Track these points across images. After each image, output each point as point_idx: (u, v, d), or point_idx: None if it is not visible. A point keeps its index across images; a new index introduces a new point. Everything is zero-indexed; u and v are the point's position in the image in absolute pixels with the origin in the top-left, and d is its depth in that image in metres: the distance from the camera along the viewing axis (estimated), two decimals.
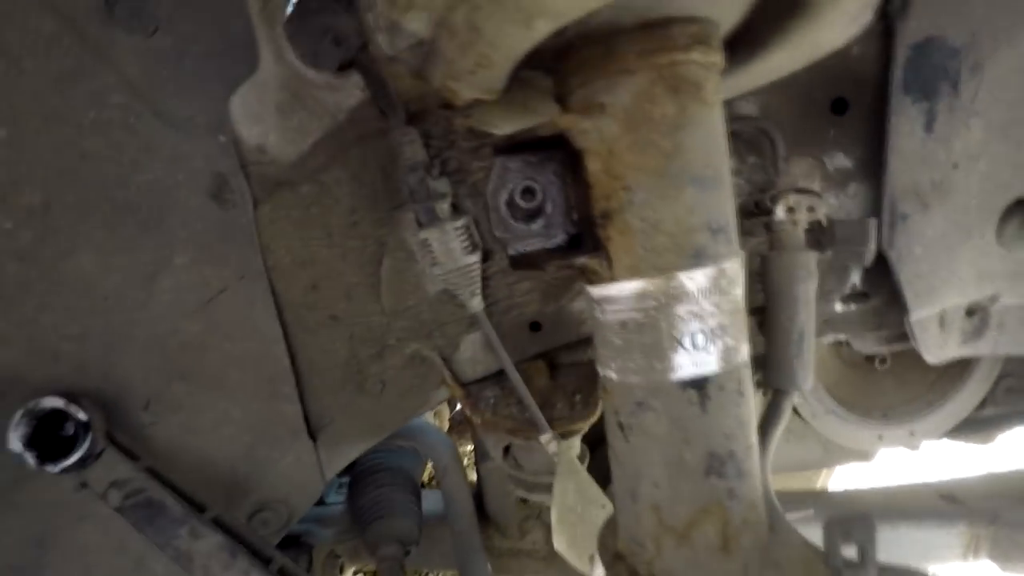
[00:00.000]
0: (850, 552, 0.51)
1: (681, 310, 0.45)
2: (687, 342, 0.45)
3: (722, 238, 0.46)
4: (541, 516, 1.27)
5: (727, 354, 0.46)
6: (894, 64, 0.67)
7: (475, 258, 0.72)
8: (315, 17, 0.66)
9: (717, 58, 0.46)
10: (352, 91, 0.71)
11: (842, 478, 1.51)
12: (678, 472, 0.47)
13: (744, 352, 0.48)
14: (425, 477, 1.72)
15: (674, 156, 0.44)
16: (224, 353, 0.79)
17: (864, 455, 1.26)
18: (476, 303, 0.75)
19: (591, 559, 0.73)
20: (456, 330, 0.82)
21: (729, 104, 0.71)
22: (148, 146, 0.68)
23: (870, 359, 1.17)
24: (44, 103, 0.63)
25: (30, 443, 0.68)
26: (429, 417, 1.42)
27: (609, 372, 0.49)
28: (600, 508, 0.78)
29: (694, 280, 0.45)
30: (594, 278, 0.49)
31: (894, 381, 1.17)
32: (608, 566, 0.52)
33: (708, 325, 0.45)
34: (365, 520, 1.09)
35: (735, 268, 0.47)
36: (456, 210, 0.72)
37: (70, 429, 0.70)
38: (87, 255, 0.71)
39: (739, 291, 0.47)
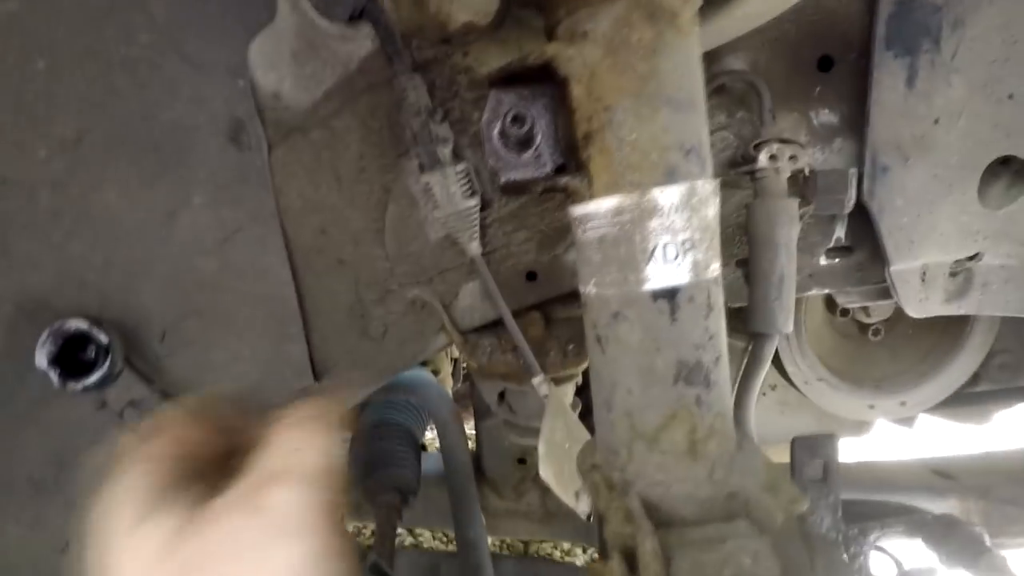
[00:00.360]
0: (815, 471, 0.54)
1: (654, 224, 0.48)
2: (659, 254, 0.49)
3: (694, 158, 0.49)
4: (537, 478, 1.31)
5: (696, 267, 0.49)
6: (877, 19, 0.70)
7: (474, 202, 0.76)
8: None
9: None
10: (363, 41, 0.75)
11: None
12: (649, 379, 0.50)
13: (714, 268, 0.51)
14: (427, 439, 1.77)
15: (650, 78, 0.48)
16: (236, 292, 0.83)
17: (858, 427, 1.28)
18: (475, 247, 0.79)
19: (577, 495, 0.77)
20: (456, 277, 0.86)
21: (719, 59, 0.75)
22: (172, 86, 0.72)
23: (863, 330, 1.19)
24: (79, 38, 0.68)
25: (55, 361, 0.73)
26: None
27: (588, 288, 0.53)
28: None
29: (666, 195, 0.48)
30: (576, 198, 0.53)
31: (887, 352, 1.18)
32: (584, 476, 0.56)
33: (679, 239, 0.49)
34: (365, 471, 1.14)
35: (707, 188, 0.50)
36: (457, 156, 0.76)
37: (92, 353, 0.75)
38: (113, 189, 0.76)
39: (711, 211, 0.51)
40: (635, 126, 0.48)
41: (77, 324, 0.74)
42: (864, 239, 0.79)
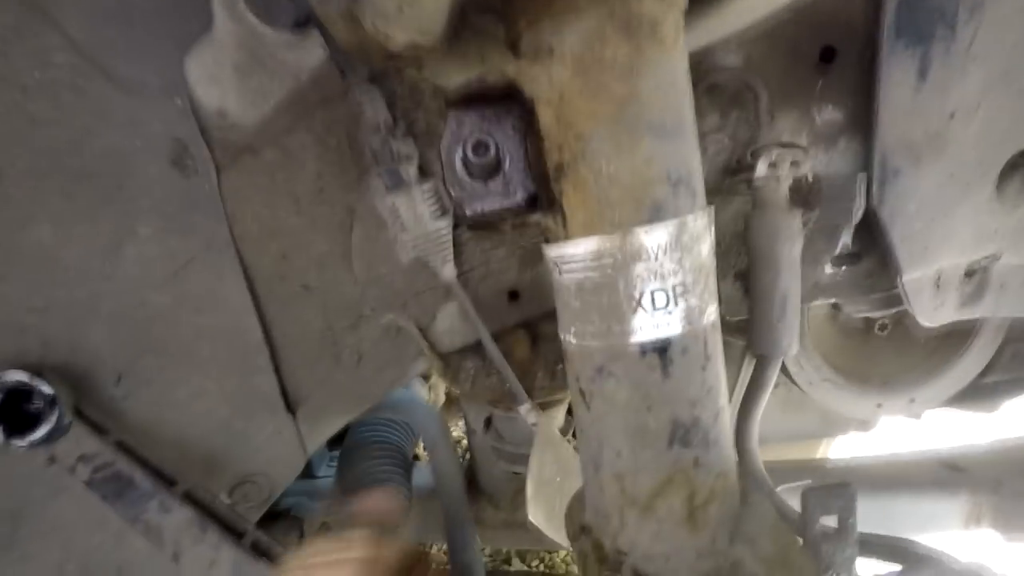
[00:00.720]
0: (830, 522, 0.49)
1: (639, 268, 0.42)
2: (647, 303, 0.42)
3: (684, 190, 0.43)
4: None
5: (690, 315, 0.43)
6: (885, 4, 0.62)
7: (445, 223, 0.69)
8: None
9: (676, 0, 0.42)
10: (313, 49, 0.68)
11: (842, 447, 1.48)
12: (640, 440, 0.45)
13: (711, 313, 0.45)
14: (420, 451, 1.72)
15: (629, 102, 0.41)
16: (194, 326, 0.77)
17: (864, 424, 1.23)
18: (448, 271, 0.72)
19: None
20: (432, 299, 0.80)
21: (710, 55, 0.67)
22: (100, 110, 0.65)
23: (869, 326, 1.13)
24: None
25: None
26: (424, 392, 1.41)
27: (569, 336, 0.47)
28: (580, 480, 0.76)
29: (653, 235, 0.42)
30: (550, 236, 0.46)
31: (893, 348, 1.13)
32: (573, 538, 0.50)
33: (669, 284, 0.42)
34: (353, 492, 1.09)
35: (700, 223, 0.44)
36: (423, 173, 0.69)
37: (37, 404, 0.69)
38: (45, 225, 0.69)
39: (705, 248, 0.44)
40: (613, 157, 0.41)
41: (17, 376, 0.67)
42: (873, 245, 0.72)
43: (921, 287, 0.71)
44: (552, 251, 0.45)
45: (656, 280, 0.42)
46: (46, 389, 0.68)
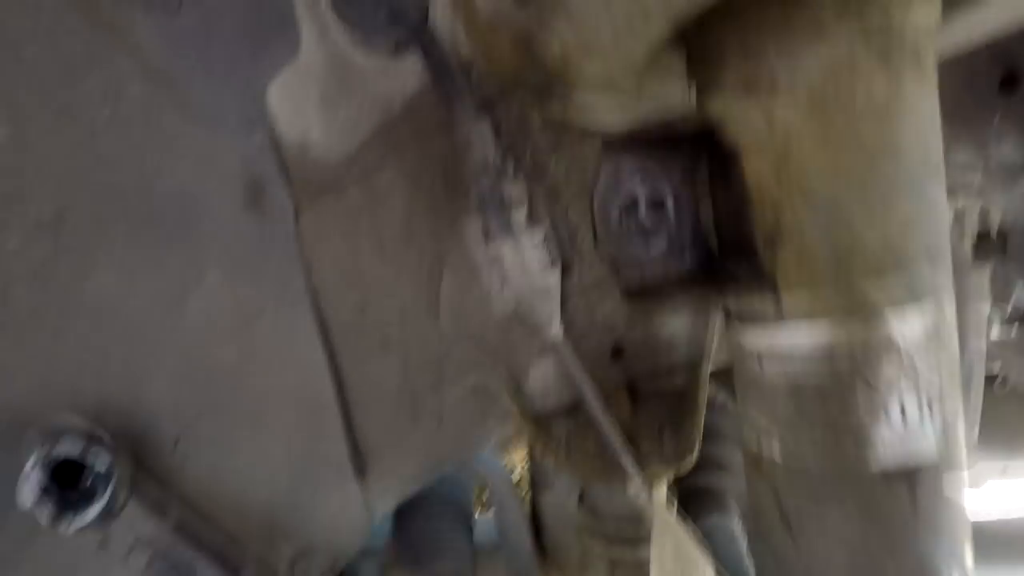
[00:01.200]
0: None
1: (888, 369, 0.32)
2: (895, 415, 0.32)
3: (942, 267, 0.33)
4: (602, 552, 1.15)
5: (947, 431, 0.33)
6: None
7: (555, 276, 0.60)
8: None
9: (938, 14, 0.33)
10: (410, 76, 0.60)
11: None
12: None
13: (963, 424, 0.35)
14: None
15: (885, 153, 0.31)
16: (261, 383, 0.69)
17: (977, 484, 1.10)
18: (555, 329, 0.63)
19: None
20: (526, 357, 0.71)
21: None
22: (173, 146, 0.57)
23: (988, 382, 1.01)
24: (51, 97, 0.53)
25: (45, 492, 0.59)
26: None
27: (771, 448, 0.37)
28: (701, 571, 0.65)
29: (908, 323, 0.32)
30: (749, 317, 0.36)
31: (1018, 406, 1.01)
32: None
33: (924, 391, 0.32)
34: (413, 558, 0.99)
35: (953, 310, 0.34)
36: (532, 218, 0.60)
37: (90, 478, 0.61)
38: (107, 274, 0.61)
39: (956, 343, 0.34)
40: (860, 225, 0.32)
41: (69, 449, 0.59)
42: None
43: None
44: (755, 337, 0.36)
45: (909, 385, 0.32)
46: (102, 461, 0.60)
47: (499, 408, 0.73)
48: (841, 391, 0.33)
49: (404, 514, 1.07)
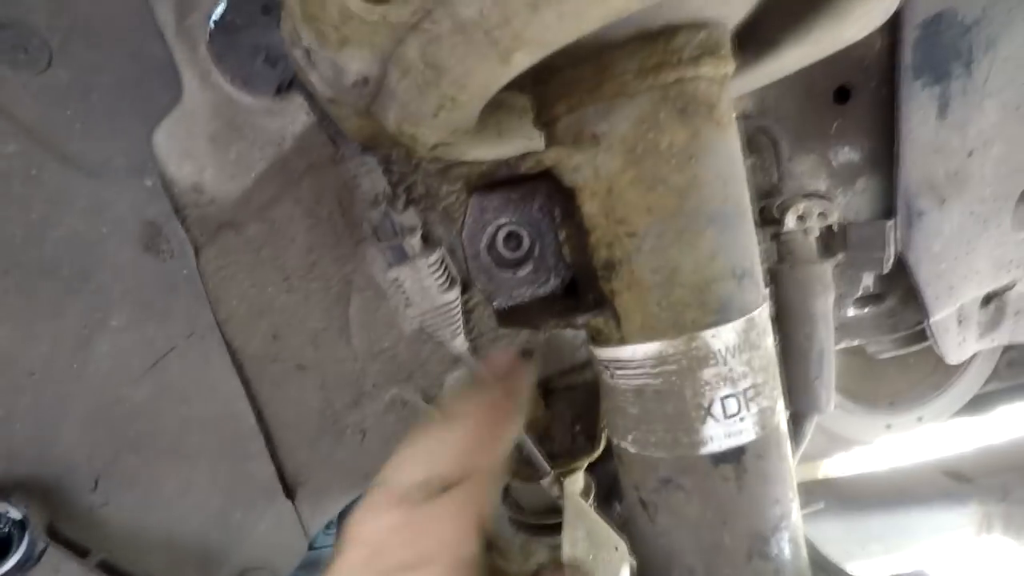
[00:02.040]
0: None
1: (708, 374, 0.38)
2: (717, 411, 0.38)
3: (749, 283, 0.39)
4: (544, 539, 1.21)
5: (763, 417, 0.39)
6: (902, 45, 0.60)
7: (454, 295, 0.64)
8: (242, 34, 0.56)
9: (729, 69, 0.38)
10: (296, 115, 0.62)
11: (838, 463, 1.48)
12: (715, 558, 0.40)
13: (780, 408, 0.41)
14: None
15: (689, 192, 0.37)
16: (180, 417, 0.70)
17: (867, 442, 1.23)
18: (459, 343, 0.67)
19: None
20: (439, 368, 0.75)
21: None
22: (59, 197, 0.58)
23: (852, 351, 1.12)
24: None
25: None
26: None
27: (625, 443, 0.42)
28: (614, 550, 0.71)
29: (721, 338, 0.38)
30: (599, 338, 0.41)
31: (897, 367, 1.13)
32: None
33: (740, 388, 0.38)
34: None
35: (764, 316, 0.40)
36: (427, 242, 0.64)
37: (4, 528, 0.61)
38: (3, 327, 0.61)
39: (770, 340, 0.40)
40: (674, 255, 0.37)
41: None
42: (894, 284, 0.70)
43: (947, 327, 0.69)
44: (604, 354, 0.41)
45: (726, 386, 0.38)
46: (14, 513, 0.60)
47: (419, 418, 0.77)
48: (673, 394, 0.38)
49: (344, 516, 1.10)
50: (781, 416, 0.41)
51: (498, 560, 1.24)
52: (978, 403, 1.21)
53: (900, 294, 0.71)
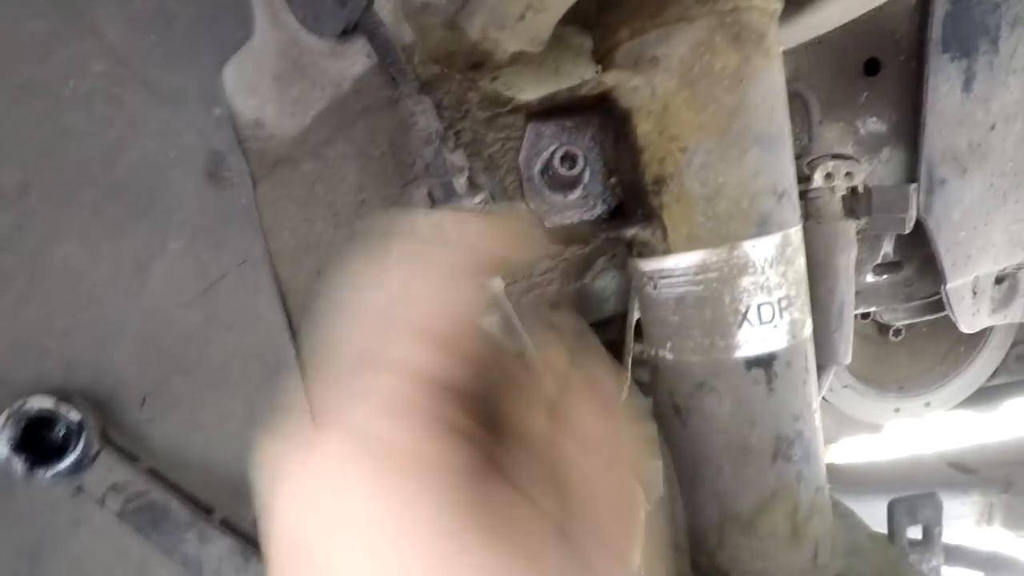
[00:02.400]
0: (915, 532, 0.49)
1: (746, 282, 0.41)
2: (752, 316, 0.42)
3: (787, 203, 0.42)
4: None
5: (794, 328, 0.43)
6: (932, 20, 0.63)
7: None
8: None
9: (779, 5, 0.42)
10: (357, 57, 0.66)
11: (844, 451, 1.50)
12: (743, 458, 0.44)
13: (809, 325, 0.45)
14: None
15: (738, 112, 0.40)
16: (225, 344, 0.74)
17: (875, 427, 1.25)
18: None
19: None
20: None
21: None
22: (135, 120, 0.62)
23: (884, 332, 1.15)
24: (16, 72, 0.56)
25: (17, 448, 0.62)
26: None
27: (663, 351, 0.46)
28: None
29: (759, 248, 0.41)
30: (644, 250, 0.45)
31: (908, 353, 1.15)
32: (666, 558, 0.49)
33: (775, 297, 0.42)
34: None
35: (799, 235, 0.44)
36: (473, 185, 0.68)
37: (62, 430, 0.65)
38: (72, 242, 0.65)
39: (803, 260, 0.44)
40: (722, 169, 0.41)
41: (41, 403, 0.63)
42: (913, 253, 0.73)
43: (962, 295, 0.72)
44: (649, 265, 0.44)
45: (762, 293, 0.41)
46: (73, 415, 0.64)
47: None
48: (713, 300, 0.42)
49: None
50: (809, 332, 0.45)
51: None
52: (986, 396, 1.23)
53: (917, 263, 0.74)
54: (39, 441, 0.64)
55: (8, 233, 0.62)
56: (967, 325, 0.75)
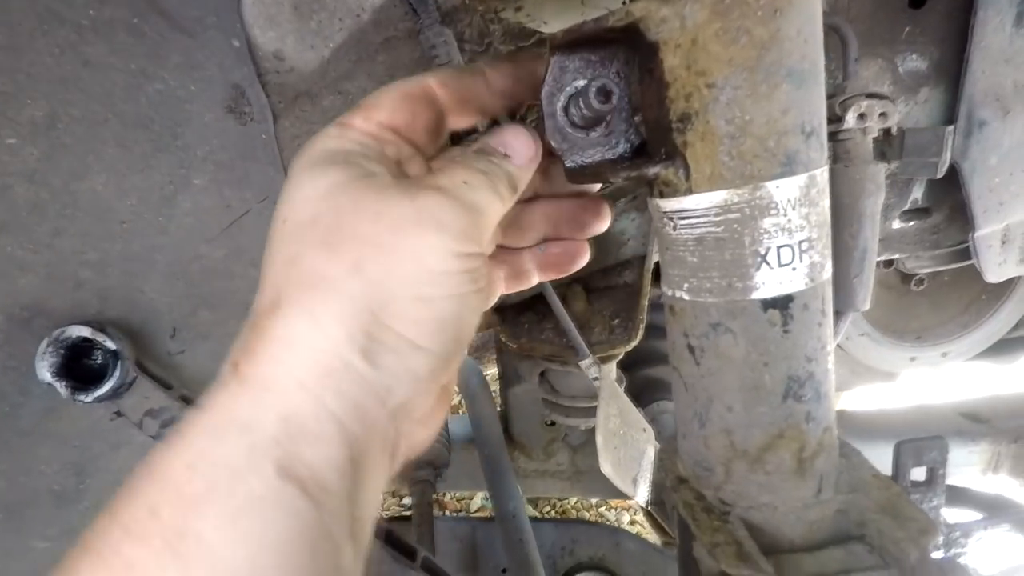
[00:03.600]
0: (920, 475, 0.50)
1: (768, 223, 0.41)
2: (772, 258, 0.41)
3: (815, 142, 0.41)
4: (566, 438, 1.28)
5: (813, 271, 0.43)
6: None
7: None
8: None
9: None
10: None
11: (857, 398, 1.52)
12: (754, 396, 0.45)
13: (828, 268, 0.44)
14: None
15: (770, 46, 0.39)
16: (250, 279, 0.76)
17: (890, 376, 1.26)
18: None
19: (635, 481, 0.73)
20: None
21: None
22: (156, 52, 0.61)
23: (906, 280, 1.14)
24: (37, 1, 0.56)
25: (59, 373, 0.66)
26: None
27: (680, 292, 0.46)
28: (642, 431, 0.77)
29: (784, 189, 0.40)
30: (666, 190, 0.45)
31: (929, 303, 1.14)
32: (672, 489, 0.51)
33: (796, 239, 0.41)
34: None
35: (825, 176, 0.43)
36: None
37: (99, 358, 0.68)
38: (100, 175, 0.66)
39: (827, 202, 0.43)
40: (749, 106, 0.40)
41: (80, 331, 0.66)
42: (944, 199, 0.72)
43: (990, 243, 0.71)
44: (670, 204, 0.44)
45: (783, 235, 0.41)
46: (110, 344, 0.67)
47: None
48: (733, 241, 0.42)
49: None
50: (828, 275, 0.45)
51: (521, 459, 1.32)
52: (1005, 348, 1.23)
53: (947, 211, 0.73)
54: (80, 368, 0.68)
55: (39, 166, 0.63)
56: (993, 275, 0.74)
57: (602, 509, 2.48)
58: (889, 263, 1.08)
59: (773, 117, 0.40)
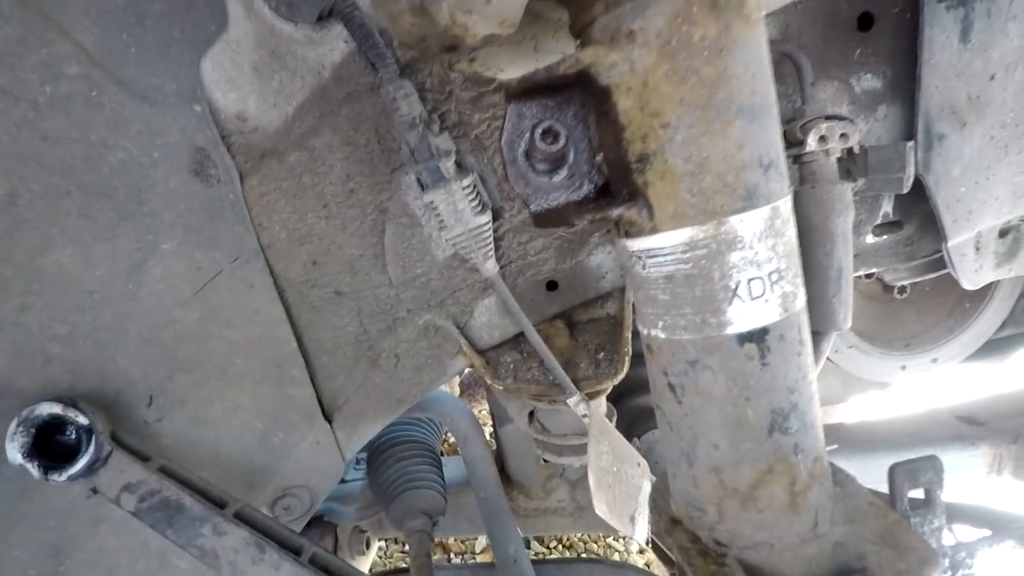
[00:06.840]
0: (916, 494, 0.49)
1: (735, 257, 0.41)
2: (743, 292, 0.41)
3: (774, 173, 0.41)
4: (564, 474, 1.26)
5: (786, 301, 0.42)
6: None
7: (486, 218, 0.68)
8: None
9: None
10: (335, 44, 0.64)
11: (854, 410, 1.51)
12: (739, 432, 0.44)
13: (802, 296, 0.44)
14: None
15: (719, 84, 0.39)
16: (226, 340, 0.74)
17: (883, 385, 1.25)
18: (490, 266, 0.70)
19: (632, 519, 0.71)
20: (470, 296, 0.78)
21: None
22: (115, 121, 0.61)
23: (888, 290, 1.14)
24: None
25: (31, 453, 0.64)
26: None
27: (655, 331, 0.45)
28: (636, 466, 0.75)
29: (748, 223, 0.40)
30: (631, 230, 0.44)
31: (914, 310, 1.14)
32: (666, 532, 0.49)
33: (765, 271, 0.41)
34: (388, 495, 1.07)
35: (788, 206, 0.43)
36: (460, 168, 0.67)
37: (72, 434, 0.66)
38: (65, 248, 0.65)
39: (792, 231, 0.43)
40: (705, 144, 0.40)
41: (50, 408, 0.64)
42: (913, 212, 0.72)
43: (964, 251, 0.71)
44: (637, 244, 0.44)
45: (752, 268, 0.41)
46: (82, 419, 0.65)
47: (451, 344, 0.81)
48: (702, 278, 0.41)
49: (376, 460, 1.15)
50: (802, 304, 0.44)
51: (520, 498, 1.30)
52: (994, 348, 1.23)
53: (918, 222, 0.73)
54: (52, 446, 0.65)
55: (1, 243, 0.62)
56: (970, 282, 0.74)
57: (610, 540, 2.43)
58: (869, 275, 1.09)
59: (730, 152, 0.40)
